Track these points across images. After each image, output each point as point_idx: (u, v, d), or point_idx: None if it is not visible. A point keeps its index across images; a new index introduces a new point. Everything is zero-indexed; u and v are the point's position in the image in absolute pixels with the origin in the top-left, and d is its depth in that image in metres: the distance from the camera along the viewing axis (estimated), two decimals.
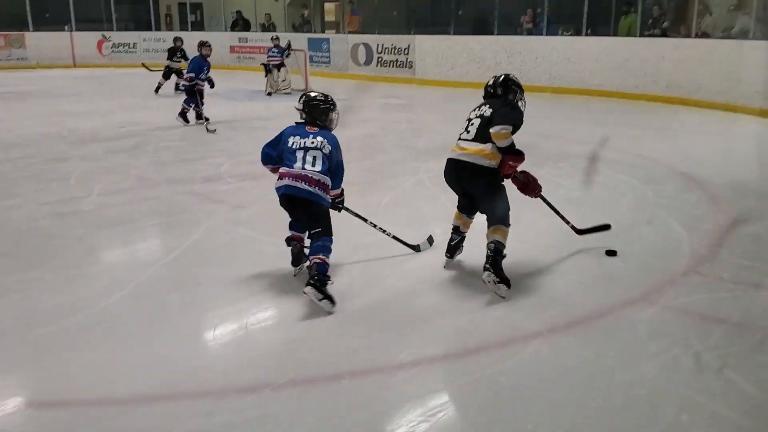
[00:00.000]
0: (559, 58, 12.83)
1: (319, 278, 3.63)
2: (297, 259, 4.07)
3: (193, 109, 9.70)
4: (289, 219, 4.07)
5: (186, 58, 12.86)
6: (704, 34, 11.48)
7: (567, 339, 3.35)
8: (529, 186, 4.22)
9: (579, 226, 4.69)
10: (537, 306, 3.74)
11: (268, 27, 18.31)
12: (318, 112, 4.03)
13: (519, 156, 3.94)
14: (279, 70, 13.45)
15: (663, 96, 11.41)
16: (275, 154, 3.99)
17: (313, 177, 3.82)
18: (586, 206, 5.42)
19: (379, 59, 15.87)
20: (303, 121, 4.04)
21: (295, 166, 3.84)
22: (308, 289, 3.60)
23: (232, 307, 3.75)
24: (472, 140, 3.96)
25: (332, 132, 4.07)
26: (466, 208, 4.25)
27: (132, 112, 11.24)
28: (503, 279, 3.81)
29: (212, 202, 5.87)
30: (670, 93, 11.37)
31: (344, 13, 17.58)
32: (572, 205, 5.06)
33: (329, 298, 3.61)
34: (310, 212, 3.86)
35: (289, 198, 3.88)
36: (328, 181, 3.89)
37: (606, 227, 4.75)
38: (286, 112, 10.72)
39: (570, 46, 12.79)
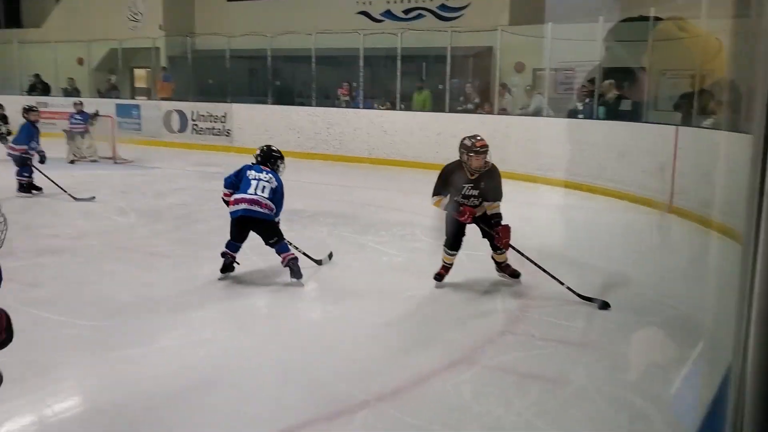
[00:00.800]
0: (376, 130, 13.31)
1: (296, 269, 5.05)
2: (226, 268, 5.16)
3: (26, 178, 8.81)
4: (226, 243, 5.18)
5: (6, 123, 12.19)
6: (504, 110, 12.54)
7: (394, 408, 3.30)
8: (498, 239, 5.07)
9: (401, 292, 4.76)
10: (362, 374, 3.68)
11: (71, 92, 17.25)
12: (272, 159, 5.41)
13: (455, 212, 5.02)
14: (83, 137, 12.62)
15: None
16: (235, 181, 5.19)
17: (263, 201, 5.06)
18: (408, 272, 5.53)
19: (195, 127, 15.49)
20: (257, 162, 5.34)
21: (248, 191, 5.06)
22: (294, 280, 5.03)
23: (25, 399, 3.28)
24: None
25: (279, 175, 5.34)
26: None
27: None
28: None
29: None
30: None
31: (155, 79, 17.03)
32: (397, 271, 5.13)
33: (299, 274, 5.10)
34: (265, 228, 5.09)
35: (246, 219, 5.02)
36: (272, 205, 5.11)
37: (605, 305, 4.78)
38: (92, 180, 10.14)
39: (386, 119, 13.33)
